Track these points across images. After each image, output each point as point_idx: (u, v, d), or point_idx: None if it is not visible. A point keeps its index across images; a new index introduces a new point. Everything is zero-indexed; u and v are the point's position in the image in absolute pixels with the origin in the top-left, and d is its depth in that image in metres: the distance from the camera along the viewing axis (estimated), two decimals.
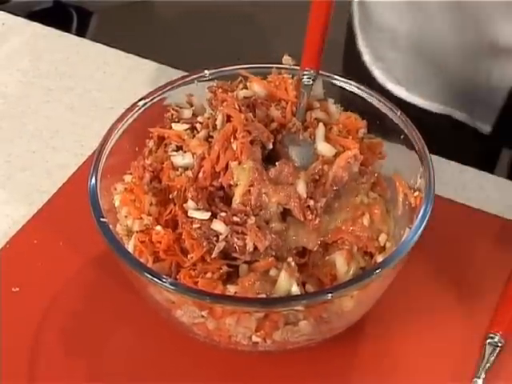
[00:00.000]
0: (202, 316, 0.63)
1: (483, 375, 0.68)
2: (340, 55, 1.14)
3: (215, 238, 0.65)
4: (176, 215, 0.67)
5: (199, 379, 0.70)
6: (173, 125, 0.74)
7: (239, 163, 0.66)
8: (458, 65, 0.95)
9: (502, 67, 0.93)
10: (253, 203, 0.65)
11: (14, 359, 0.71)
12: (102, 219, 0.65)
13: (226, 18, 2.62)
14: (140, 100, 0.76)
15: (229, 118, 0.69)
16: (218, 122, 0.70)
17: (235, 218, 0.65)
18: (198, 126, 0.73)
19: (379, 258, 0.68)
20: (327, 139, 0.71)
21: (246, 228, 0.65)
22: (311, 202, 0.66)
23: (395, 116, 0.73)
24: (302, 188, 0.66)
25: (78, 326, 0.73)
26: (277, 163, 0.68)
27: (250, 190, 0.66)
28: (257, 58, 0.78)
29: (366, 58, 1.05)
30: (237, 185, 0.66)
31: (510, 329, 0.72)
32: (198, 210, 0.66)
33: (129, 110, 0.75)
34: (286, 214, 0.67)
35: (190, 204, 0.67)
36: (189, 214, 0.66)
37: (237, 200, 0.66)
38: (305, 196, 0.66)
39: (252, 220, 0.65)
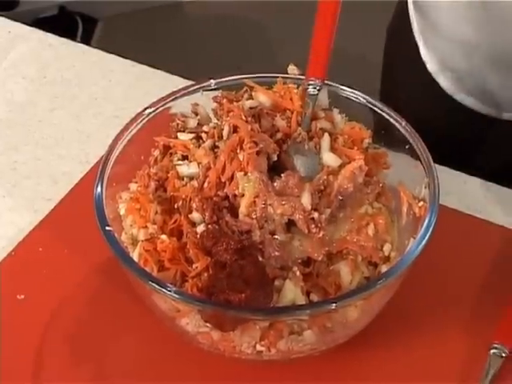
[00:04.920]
0: (207, 325, 0.64)
1: None
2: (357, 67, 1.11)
3: None
4: (181, 225, 0.68)
5: None
6: (178, 134, 0.74)
7: (245, 174, 0.66)
8: None
9: None
10: (258, 215, 0.65)
11: (18, 365, 0.71)
12: (107, 228, 0.66)
13: (231, 28, 2.63)
14: (146, 109, 0.76)
15: (235, 129, 0.69)
16: (225, 133, 0.70)
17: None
18: (203, 135, 0.73)
19: (383, 268, 0.69)
20: (332, 149, 0.72)
21: None
22: (315, 215, 0.66)
23: (400, 126, 0.74)
24: (306, 200, 0.66)
25: (83, 334, 0.74)
26: (282, 175, 0.68)
27: (255, 201, 0.66)
28: (262, 68, 0.78)
29: (432, 67, 1.00)
30: (242, 195, 0.66)
31: None
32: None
33: (134, 118, 0.75)
34: (290, 224, 0.67)
35: (195, 215, 0.67)
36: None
37: (243, 211, 0.66)
38: (309, 208, 0.66)
39: (256, 235, 0.65)
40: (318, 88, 0.75)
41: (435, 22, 0.94)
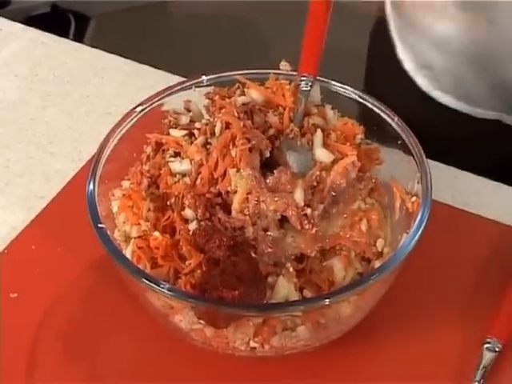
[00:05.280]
0: (200, 322, 0.64)
1: (481, 380, 0.68)
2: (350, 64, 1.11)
3: None
4: (174, 221, 0.68)
5: None
6: (170, 131, 0.74)
7: (237, 170, 0.66)
8: None
9: None
10: (251, 211, 0.65)
11: (12, 364, 0.71)
12: (99, 225, 0.65)
13: (223, 24, 2.62)
14: (138, 106, 0.76)
15: (227, 125, 0.69)
16: (217, 130, 0.70)
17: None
18: (195, 132, 0.73)
19: (377, 264, 0.69)
20: (325, 145, 0.71)
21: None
22: (308, 211, 0.66)
23: (392, 121, 0.74)
24: (299, 196, 0.66)
25: (77, 332, 0.73)
26: (275, 171, 0.68)
27: (247, 198, 0.66)
28: (254, 65, 0.78)
29: (408, 65, 1.00)
30: (235, 192, 0.66)
31: (507, 334, 0.72)
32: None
33: (127, 115, 0.75)
34: (283, 220, 0.67)
35: (188, 212, 0.67)
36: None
37: (235, 207, 0.66)
38: (302, 204, 0.66)
39: (249, 232, 0.65)
40: (310, 84, 0.75)
41: (411, 19, 0.95)
